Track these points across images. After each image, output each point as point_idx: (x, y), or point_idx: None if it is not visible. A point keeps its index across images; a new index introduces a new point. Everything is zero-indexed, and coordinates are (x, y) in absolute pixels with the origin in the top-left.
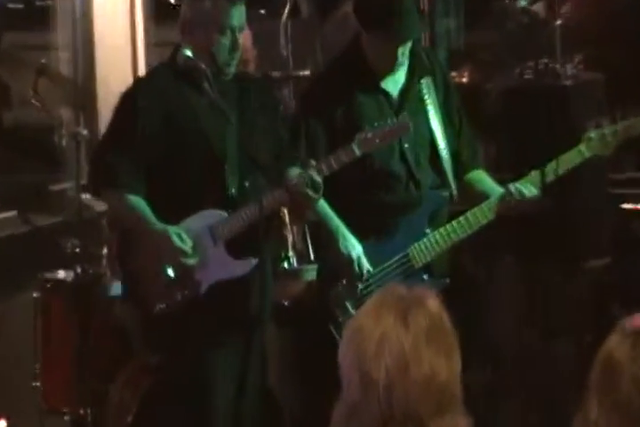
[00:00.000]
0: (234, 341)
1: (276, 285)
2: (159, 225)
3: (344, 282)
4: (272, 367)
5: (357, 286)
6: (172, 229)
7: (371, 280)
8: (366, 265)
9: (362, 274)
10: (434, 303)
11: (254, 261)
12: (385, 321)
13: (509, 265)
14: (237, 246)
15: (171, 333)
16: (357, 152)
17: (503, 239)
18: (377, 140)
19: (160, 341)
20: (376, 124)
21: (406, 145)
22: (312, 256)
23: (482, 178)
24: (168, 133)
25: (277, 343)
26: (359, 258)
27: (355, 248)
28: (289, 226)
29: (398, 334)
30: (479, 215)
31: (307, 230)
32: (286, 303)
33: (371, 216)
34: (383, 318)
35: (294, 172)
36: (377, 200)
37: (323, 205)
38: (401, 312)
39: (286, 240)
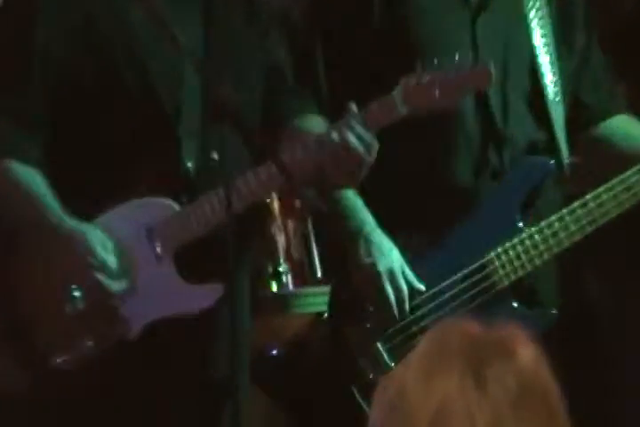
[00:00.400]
0: (186, 423)
1: (258, 321)
2: (67, 220)
3: (373, 315)
4: None
5: (396, 322)
6: (90, 229)
7: (421, 311)
8: (413, 283)
9: (402, 301)
10: (528, 352)
11: (221, 288)
12: (445, 381)
13: None
14: (195, 263)
15: (76, 406)
16: (400, 108)
17: None
18: (436, 92)
19: (59, 419)
20: (435, 60)
21: None
22: (319, 271)
23: (628, 127)
24: (82, 64)
25: (263, 420)
26: (396, 272)
27: (388, 256)
28: (280, 220)
29: (468, 404)
30: (611, 198)
31: (310, 228)
32: (275, 353)
33: (418, 201)
34: (442, 377)
35: (309, 122)
36: (428, 174)
37: None
38: (472, 367)
39: (276, 245)
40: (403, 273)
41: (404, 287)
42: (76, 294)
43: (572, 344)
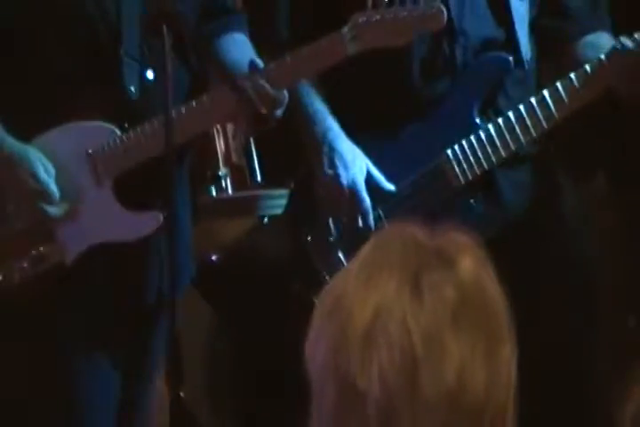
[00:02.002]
0: (117, 349)
1: (197, 227)
2: (8, 139)
3: (335, 226)
4: (194, 376)
5: (359, 233)
6: (32, 151)
7: (375, 213)
8: (381, 185)
9: (366, 213)
10: (470, 262)
11: (160, 217)
12: (382, 288)
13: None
14: (135, 190)
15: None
16: (350, 47)
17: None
18: (386, 32)
19: None
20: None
21: None
22: (259, 175)
23: (595, 42)
24: None
25: (205, 332)
26: (358, 184)
27: (351, 166)
28: (219, 124)
29: (404, 312)
30: (567, 93)
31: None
32: (215, 258)
33: (375, 100)
34: (380, 284)
35: (230, 42)
36: (378, 69)
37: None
38: (411, 275)
39: (214, 149)
40: (369, 178)
41: (367, 199)
42: (12, 215)
43: (527, 249)
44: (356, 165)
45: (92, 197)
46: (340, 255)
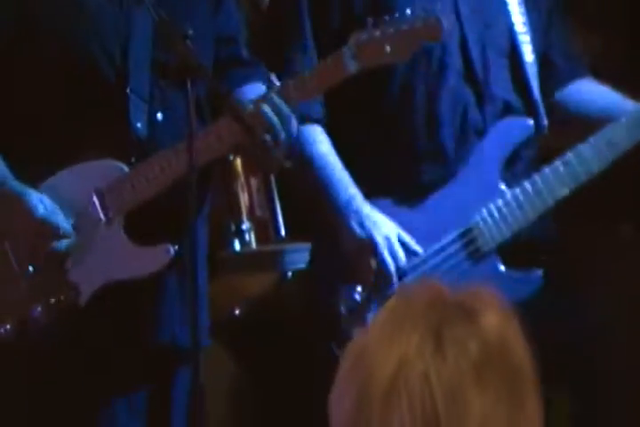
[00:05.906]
0: (137, 392)
1: (221, 281)
2: (9, 182)
3: (368, 283)
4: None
5: (392, 289)
6: (31, 191)
7: (406, 278)
8: (410, 246)
9: (399, 269)
10: (493, 316)
11: (173, 249)
12: (405, 343)
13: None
14: (146, 224)
15: (20, 378)
16: (351, 66)
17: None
18: (387, 48)
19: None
20: (388, 16)
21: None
22: (282, 229)
23: (591, 90)
24: (15, 19)
25: (228, 383)
26: (393, 240)
27: (382, 225)
28: (243, 178)
29: (426, 368)
30: (593, 154)
31: (274, 185)
32: (238, 312)
33: (403, 162)
34: (402, 338)
35: (249, 92)
36: (412, 132)
37: (319, 148)
38: (433, 329)
39: (238, 203)
40: (399, 239)
41: (402, 255)
42: (26, 262)
43: (558, 310)
44: (386, 223)
45: (103, 235)
46: (370, 314)
